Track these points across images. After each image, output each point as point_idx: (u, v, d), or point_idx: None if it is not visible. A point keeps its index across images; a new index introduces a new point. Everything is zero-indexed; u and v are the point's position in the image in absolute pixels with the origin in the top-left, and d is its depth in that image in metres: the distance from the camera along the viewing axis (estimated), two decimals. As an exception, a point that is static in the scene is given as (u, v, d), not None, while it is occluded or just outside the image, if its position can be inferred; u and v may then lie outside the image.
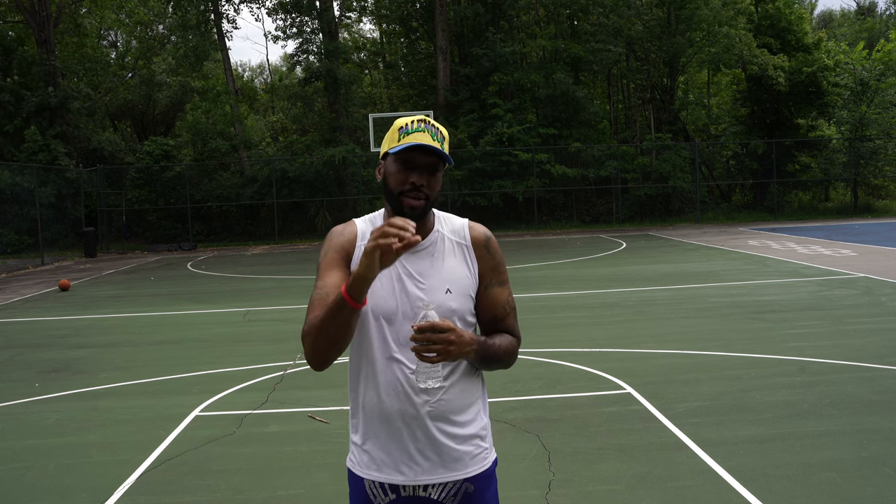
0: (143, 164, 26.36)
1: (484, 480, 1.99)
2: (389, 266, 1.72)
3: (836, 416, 5.08)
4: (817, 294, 10.06)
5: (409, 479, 1.93)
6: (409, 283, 1.93)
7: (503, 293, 2.03)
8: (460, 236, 2.01)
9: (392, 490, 1.96)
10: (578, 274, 13.45)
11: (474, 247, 2.00)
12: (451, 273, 1.96)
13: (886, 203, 28.63)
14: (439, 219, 2.03)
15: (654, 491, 4.01)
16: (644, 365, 6.67)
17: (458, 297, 1.95)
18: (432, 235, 1.98)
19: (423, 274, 1.94)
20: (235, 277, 15.33)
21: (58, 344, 8.85)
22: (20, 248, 22.91)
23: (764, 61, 25.73)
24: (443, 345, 1.77)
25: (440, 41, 27.09)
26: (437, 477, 1.94)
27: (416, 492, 1.95)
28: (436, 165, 1.91)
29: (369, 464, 1.98)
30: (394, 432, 1.93)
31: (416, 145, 1.86)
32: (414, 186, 1.89)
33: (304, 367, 7.08)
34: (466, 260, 1.99)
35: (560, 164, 25.70)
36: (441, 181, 1.95)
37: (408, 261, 1.95)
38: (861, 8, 51.46)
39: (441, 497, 1.95)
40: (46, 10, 26.23)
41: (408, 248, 1.66)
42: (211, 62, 32.61)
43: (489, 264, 2.00)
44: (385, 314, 1.92)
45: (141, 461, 4.74)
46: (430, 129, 1.90)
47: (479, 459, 1.98)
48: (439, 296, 1.93)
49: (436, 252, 1.97)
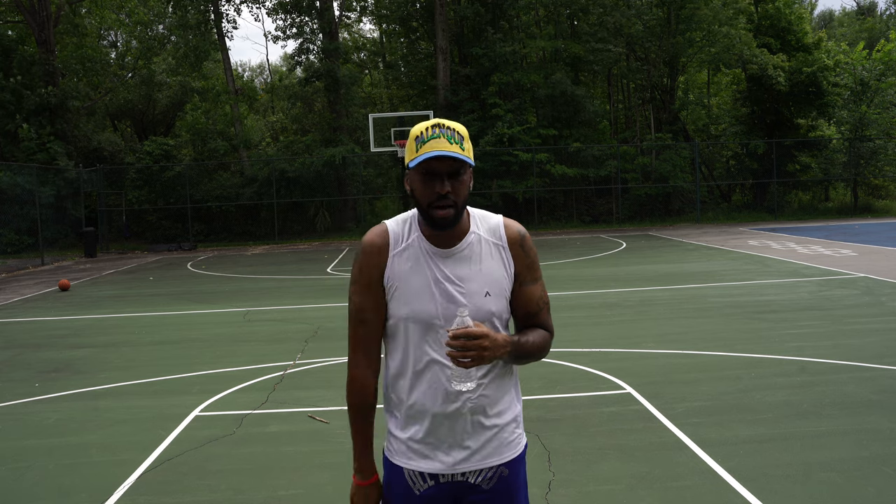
0: (143, 164, 26.35)
1: (517, 464, 2.07)
2: None
3: (836, 416, 5.08)
4: (817, 294, 10.06)
5: (449, 467, 2.00)
6: (449, 287, 1.94)
7: (537, 289, 2.05)
8: (496, 236, 2.01)
9: (431, 478, 2.01)
10: (578, 274, 13.44)
11: (510, 246, 2.02)
12: (489, 276, 1.97)
13: (886, 203, 28.62)
14: (474, 218, 2.03)
15: (654, 491, 4.01)
16: (644, 365, 6.67)
17: (497, 300, 1.98)
18: (469, 237, 1.99)
19: (462, 278, 1.95)
20: (235, 277, 15.33)
21: (58, 344, 8.85)
22: (20, 248, 22.91)
23: (764, 61, 25.73)
24: (477, 351, 1.81)
25: (440, 41, 27.09)
26: (475, 464, 2.00)
27: (455, 478, 2.01)
28: (458, 169, 1.90)
29: (409, 454, 2.02)
30: (434, 427, 1.98)
31: (434, 155, 1.86)
32: (440, 196, 1.89)
33: (304, 367, 7.08)
34: (503, 260, 2.01)
35: (560, 164, 25.70)
36: (469, 182, 1.94)
37: (445, 265, 1.96)
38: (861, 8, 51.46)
39: (478, 481, 2.02)
40: (46, 10, 26.24)
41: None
42: (211, 62, 32.62)
43: (524, 263, 2.03)
44: (425, 320, 1.94)
45: (141, 461, 4.74)
46: (445, 132, 1.88)
47: (513, 445, 2.05)
48: (478, 299, 1.95)
49: (473, 255, 1.98)
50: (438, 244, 1.97)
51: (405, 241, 1.98)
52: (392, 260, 1.96)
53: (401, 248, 1.97)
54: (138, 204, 26.44)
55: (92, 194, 25.74)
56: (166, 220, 26.60)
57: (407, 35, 32.38)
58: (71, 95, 26.17)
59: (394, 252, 1.97)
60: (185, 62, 29.65)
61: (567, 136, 26.97)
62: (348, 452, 4.73)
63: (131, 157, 28.14)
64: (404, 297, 1.95)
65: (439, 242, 1.97)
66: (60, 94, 25.60)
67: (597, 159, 26.48)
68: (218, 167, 27.85)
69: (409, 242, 1.98)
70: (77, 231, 24.51)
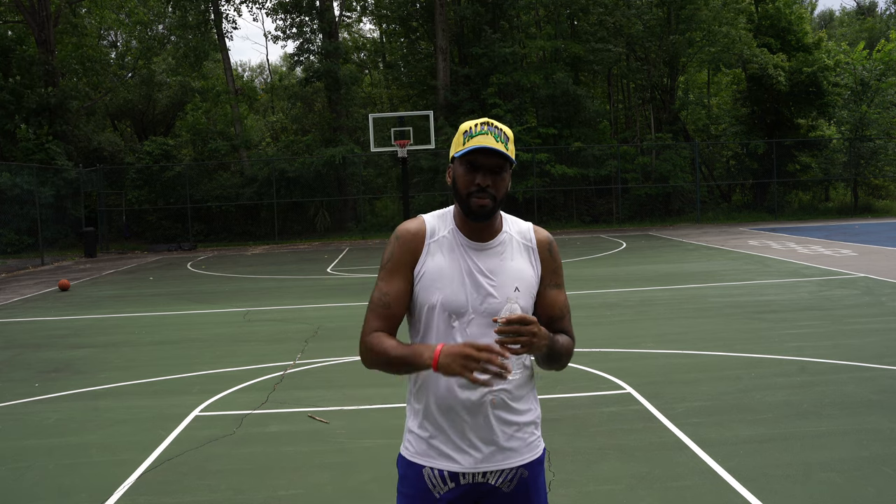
0: (143, 164, 26.35)
1: (537, 467, 2.09)
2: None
3: (836, 416, 5.08)
4: (817, 294, 10.06)
5: (469, 466, 2.01)
6: (481, 278, 2.00)
7: (561, 295, 2.12)
8: (526, 238, 2.09)
9: (452, 478, 2.02)
10: (578, 274, 13.44)
11: (539, 249, 2.09)
12: (519, 272, 2.04)
13: (886, 203, 28.62)
14: (506, 221, 2.11)
15: (654, 491, 4.01)
16: (644, 365, 6.67)
17: (525, 296, 2.03)
18: (501, 236, 2.07)
19: (493, 271, 2.01)
20: (235, 277, 15.33)
21: (58, 344, 8.85)
22: (20, 248, 22.90)
23: (764, 61, 25.72)
24: (528, 337, 1.84)
25: (440, 41, 27.09)
26: (496, 464, 2.02)
27: (475, 479, 2.02)
28: (501, 166, 1.98)
29: (428, 451, 2.03)
30: (456, 421, 2.00)
31: (480, 148, 1.94)
32: (480, 188, 1.96)
33: (304, 367, 7.08)
34: (531, 261, 2.08)
35: (560, 164, 25.70)
36: (508, 181, 2.03)
37: (478, 257, 2.02)
38: (861, 8, 51.46)
39: (498, 483, 2.03)
40: (46, 10, 26.23)
41: (486, 385, 1.80)
42: (211, 62, 32.61)
43: (550, 266, 2.10)
44: (455, 308, 1.98)
45: (141, 461, 4.74)
46: (493, 130, 1.97)
47: (532, 447, 2.08)
48: (508, 293, 2.01)
49: (504, 251, 2.05)
50: (473, 238, 2.04)
51: (441, 233, 2.05)
52: (427, 248, 2.03)
53: (437, 239, 2.04)
54: (138, 204, 26.44)
55: (92, 194, 25.74)
56: (166, 220, 26.60)
57: (407, 35, 32.38)
58: (70, 95, 26.16)
59: (430, 241, 2.04)
60: (185, 62, 29.65)
61: (567, 135, 26.96)
62: (348, 452, 4.74)
63: (131, 157, 28.14)
64: (436, 284, 1.99)
65: (473, 236, 2.04)
66: (60, 95, 25.59)
67: (597, 159, 26.47)
68: (218, 167, 27.84)
69: (445, 234, 2.05)
70: (77, 231, 24.50)
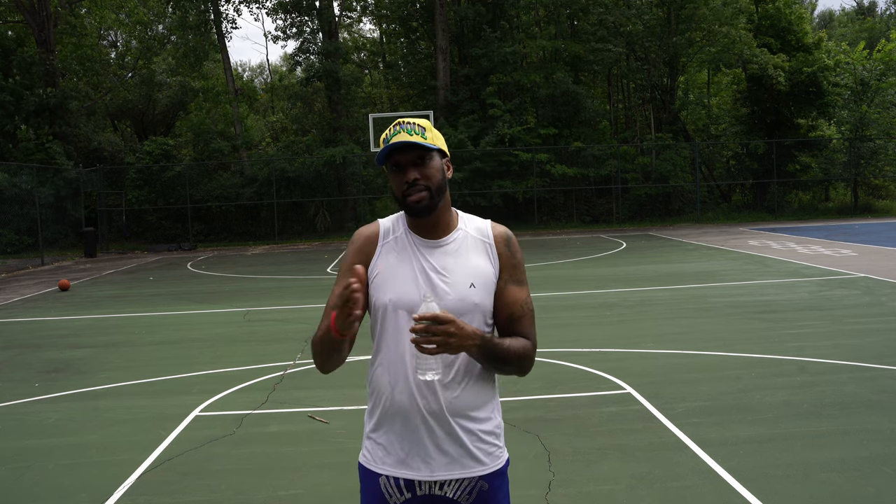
0: (143, 164, 26.35)
1: (498, 479, 2.01)
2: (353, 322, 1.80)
3: (836, 416, 5.08)
4: (817, 294, 10.05)
5: (426, 475, 1.94)
6: (434, 276, 1.97)
7: (521, 293, 2.04)
8: (483, 234, 2.06)
9: (408, 488, 1.96)
10: (578, 274, 13.44)
11: (496, 244, 2.05)
12: (475, 268, 2.00)
13: (886, 203, 28.62)
14: (462, 218, 2.09)
15: (654, 491, 4.01)
16: (644, 365, 6.67)
17: (482, 292, 1.98)
18: (455, 233, 2.04)
19: (447, 268, 1.98)
20: (235, 277, 15.33)
21: (58, 344, 8.85)
22: (20, 248, 22.90)
23: (764, 61, 25.72)
24: (442, 336, 1.77)
25: (440, 41, 27.09)
26: (454, 473, 1.95)
27: (433, 489, 1.96)
28: (422, 157, 1.96)
29: (384, 458, 1.98)
30: (412, 427, 1.94)
31: (394, 146, 1.94)
32: (408, 184, 1.94)
33: (304, 367, 7.08)
34: (489, 256, 2.04)
35: (560, 164, 25.70)
36: (440, 169, 1.99)
37: (431, 256, 1.99)
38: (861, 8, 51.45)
39: (457, 496, 1.96)
40: (46, 10, 26.23)
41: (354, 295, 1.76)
42: (211, 62, 32.61)
43: (510, 262, 2.05)
44: (408, 306, 1.94)
45: (141, 461, 4.74)
46: (405, 127, 1.96)
47: (493, 457, 2.00)
48: (463, 290, 1.96)
49: (459, 248, 2.02)
50: (426, 236, 2.02)
51: (394, 234, 2.04)
52: (380, 250, 2.03)
53: (390, 240, 2.04)
54: (138, 204, 26.44)
55: (92, 194, 25.74)
56: (166, 220, 26.60)
57: (407, 35, 32.38)
58: (70, 96, 26.16)
59: (382, 243, 2.03)
60: (185, 62, 29.64)
61: (567, 135, 26.97)
62: (348, 452, 4.74)
63: (131, 157, 28.13)
64: (389, 283, 1.97)
65: (426, 234, 2.02)
66: (60, 95, 25.59)
67: (597, 159, 26.47)
68: (218, 167, 27.83)
69: (398, 235, 2.04)
70: (77, 231, 24.50)
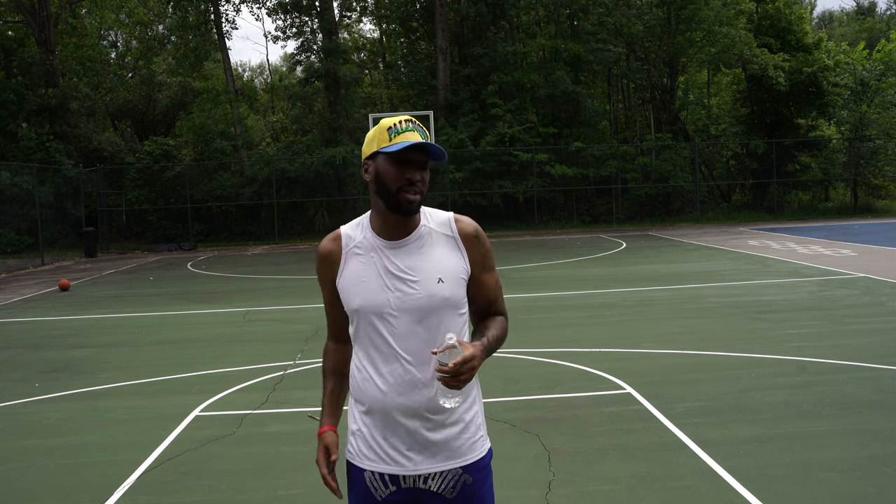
0: (143, 164, 26.35)
1: (481, 471, 2.02)
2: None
3: (836, 416, 5.08)
4: (817, 294, 10.05)
5: (409, 469, 1.97)
6: (400, 276, 1.98)
7: (492, 278, 2.11)
8: (447, 228, 2.06)
9: (392, 482, 1.98)
10: (578, 274, 13.44)
11: (462, 237, 2.05)
12: (441, 263, 2.00)
13: (886, 203, 28.62)
14: (424, 214, 2.08)
15: (654, 491, 4.01)
16: (644, 365, 6.67)
17: (451, 286, 1.99)
18: (418, 230, 2.04)
19: (412, 268, 1.99)
20: (235, 277, 15.33)
21: (58, 344, 8.85)
22: (20, 248, 22.90)
23: (764, 61, 25.72)
24: (469, 373, 1.84)
25: (440, 41, 27.09)
26: (436, 466, 1.97)
27: (417, 483, 1.98)
28: (427, 163, 1.99)
29: (369, 454, 2.01)
30: (393, 423, 1.97)
31: (415, 144, 1.93)
32: (411, 182, 1.94)
33: (304, 367, 7.08)
34: (456, 248, 2.04)
35: (560, 164, 25.70)
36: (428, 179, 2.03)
37: (395, 256, 2.00)
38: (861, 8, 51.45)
39: (441, 489, 1.98)
40: (46, 10, 26.23)
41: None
42: (211, 62, 32.60)
43: (479, 252, 2.06)
44: (375, 310, 1.97)
45: (141, 461, 4.74)
46: (417, 128, 1.97)
47: (475, 447, 2.02)
48: (431, 286, 1.97)
49: (423, 245, 2.02)
50: (388, 237, 2.02)
51: (356, 240, 2.05)
52: (344, 259, 2.04)
53: (352, 247, 2.04)
54: (138, 204, 26.44)
55: (92, 194, 25.74)
56: (166, 220, 26.60)
57: (407, 35, 32.38)
58: (71, 96, 26.16)
59: (346, 251, 2.05)
60: (185, 62, 29.63)
61: (567, 135, 26.97)
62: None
63: (131, 157, 28.13)
64: (356, 289, 1.99)
65: (389, 235, 2.02)
66: (60, 95, 25.59)
67: (597, 159, 26.48)
68: (218, 167, 27.84)
69: (361, 241, 2.04)
70: (77, 231, 24.50)
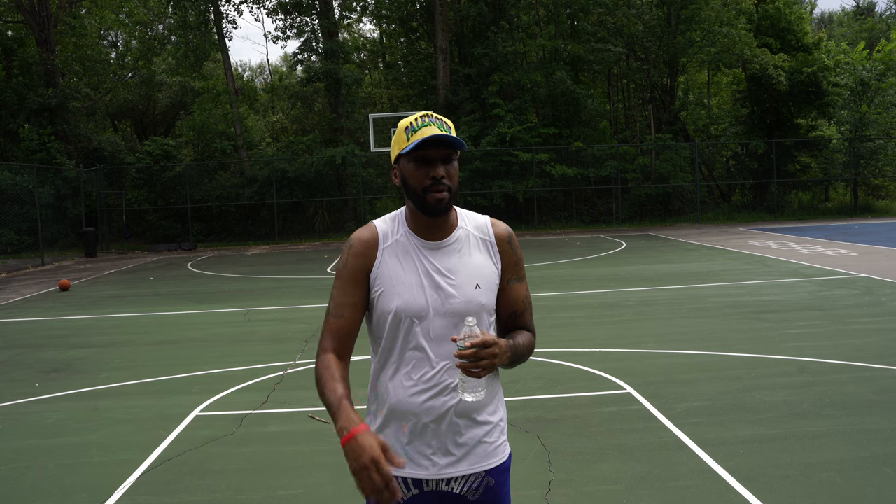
0: (143, 164, 26.36)
1: (502, 474, 2.01)
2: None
3: (836, 416, 5.08)
4: (817, 294, 10.05)
5: (433, 473, 1.94)
6: (439, 279, 1.93)
7: (522, 288, 2.06)
8: (484, 232, 2.03)
9: (415, 485, 1.95)
10: (578, 274, 13.44)
11: (498, 242, 2.02)
12: (479, 269, 1.97)
13: (886, 203, 28.62)
14: (462, 216, 2.04)
15: (654, 491, 4.01)
16: (644, 365, 6.67)
17: (487, 293, 1.97)
18: (457, 232, 2.00)
19: (451, 270, 1.95)
20: (235, 277, 15.33)
21: (58, 344, 8.85)
22: (20, 248, 22.90)
23: (764, 61, 25.73)
24: (489, 359, 1.79)
25: (440, 41, 27.09)
26: (460, 470, 1.94)
27: (439, 486, 1.95)
28: (450, 155, 1.92)
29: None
30: (418, 427, 1.93)
31: (430, 138, 1.87)
32: (435, 180, 1.89)
33: (304, 367, 7.08)
34: (491, 255, 2.01)
35: (560, 164, 25.71)
36: (457, 168, 1.95)
37: (434, 257, 1.95)
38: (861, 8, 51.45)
39: (463, 491, 1.96)
40: (46, 10, 26.23)
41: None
42: (211, 62, 32.60)
43: (511, 259, 2.03)
44: (415, 313, 1.91)
45: (141, 461, 4.74)
46: (434, 121, 1.90)
47: (498, 452, 2.00)
48: (469, 291, 1.94)
49: (462, 248, 1.98)
50: (427, 237, 1.97)
51: (394, 237, 1.98)
52: (381, 255, 1.96)
53: (390, 244, 1.97)
54: (138, 204, 26.44)
55: (92, 194, 25.74)
56: (166, 220, 26.60)
57: (407, 35, 32.38)
58: (71, 96, 26.16)
59: (383, 247, 1.97)
60: (185, 62, 29.64)
61: (567, 135, 26.97)
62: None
63: (131, 157, 28.14)
64: (394, 290, 1.92)
65: (428, 236, 1.97)
66: (60, 95, 25.60)
67: (597, 159, 26.48)
68: (218, 167, 27.84)
69: (398, 238, 1.97)
70: (77, 231, 24.50)
